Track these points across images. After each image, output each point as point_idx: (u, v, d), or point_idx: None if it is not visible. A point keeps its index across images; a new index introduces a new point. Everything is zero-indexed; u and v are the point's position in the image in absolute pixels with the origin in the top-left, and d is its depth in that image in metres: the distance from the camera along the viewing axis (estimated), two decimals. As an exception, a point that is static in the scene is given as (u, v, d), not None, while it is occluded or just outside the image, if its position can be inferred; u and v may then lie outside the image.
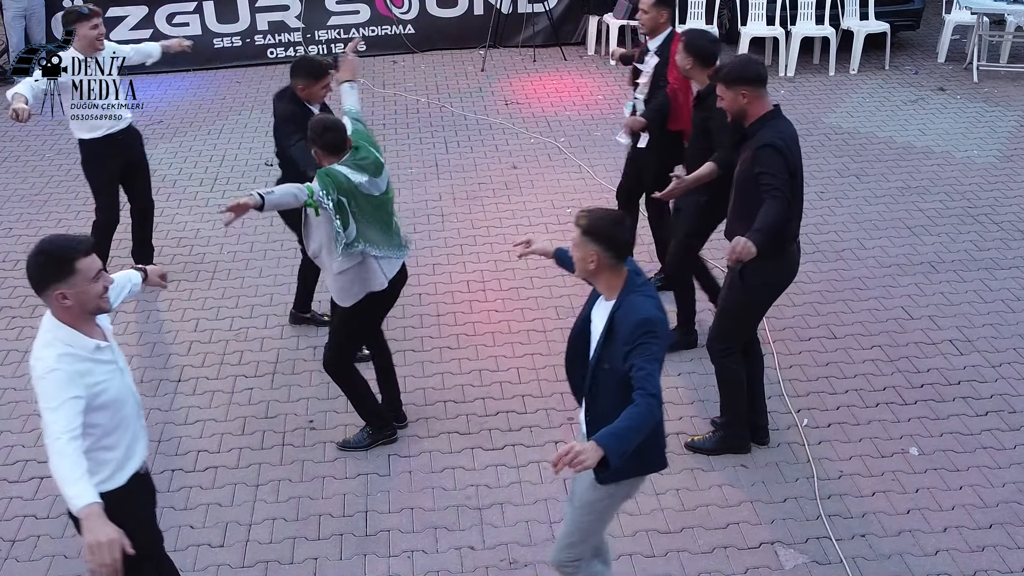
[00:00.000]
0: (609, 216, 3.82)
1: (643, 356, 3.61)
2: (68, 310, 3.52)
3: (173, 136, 10.38)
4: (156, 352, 6.66)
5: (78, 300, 3.51)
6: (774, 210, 4.81)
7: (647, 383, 3.55)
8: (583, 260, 3.79)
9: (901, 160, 9.38)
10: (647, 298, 3.76)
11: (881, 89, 11.28)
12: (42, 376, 3.44)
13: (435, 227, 8.24)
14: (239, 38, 12.41)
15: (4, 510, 5.28)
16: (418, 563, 4.90)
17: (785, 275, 5.31)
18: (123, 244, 7.66)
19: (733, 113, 5.18)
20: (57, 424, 3.36)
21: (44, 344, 3.53)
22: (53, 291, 3.48)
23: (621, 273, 3.80)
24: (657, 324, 3.69)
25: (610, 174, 9.14)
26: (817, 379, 6.22)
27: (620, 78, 11.70)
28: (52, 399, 3.40)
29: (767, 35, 11.79)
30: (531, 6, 12.73)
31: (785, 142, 4.97)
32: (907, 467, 5.47)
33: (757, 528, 5.06)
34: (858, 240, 7.90)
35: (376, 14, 12.68)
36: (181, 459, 5.66)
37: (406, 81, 11.77)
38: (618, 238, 3.76)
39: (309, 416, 6.00)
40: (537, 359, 6.49)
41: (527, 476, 5.47)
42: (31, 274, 3.51)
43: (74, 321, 3.55)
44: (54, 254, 3.49)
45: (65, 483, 3.28)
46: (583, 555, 4.14)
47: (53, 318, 3.57)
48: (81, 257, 3.49)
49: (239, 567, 4.89)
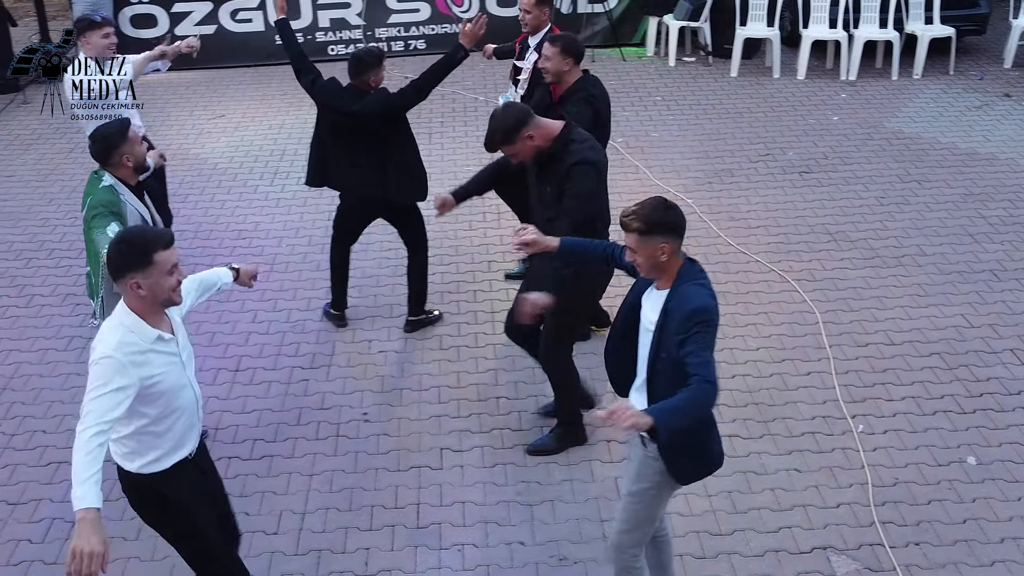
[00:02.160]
0: (658, 205, 3.81)
1: (698, 344, 3.63)
2: (141, 299, 3.62)
3: (235, 131, 10.53)
4: (215, 341, 6.77)
5: (151, 290, 3.61)
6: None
7: (703, 370, 3.58)
8: (653, 256, 3.77)
9: (964, 166, 9.24)
10: (701, 286, 3.77)
11: (945, 94, 11.11)
12: (96, 360, 3.54)
13: (490, 225, 8.27)
14: (301, 35, 12.52)
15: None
16: (468, 556, 4.93)
17: (603, 275, 5.30)
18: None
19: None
20: (92, 414, 3.46)
21: (110, 328, 3.63)
22: (129, 279, 3.58)
23: (681, 259, 3.83)
24: (710, 313, 3.71)
25: (667, 175, 9.12)
26: (874, 385, 6.16)
27: (680, 79, 11.71)
28: (98, 386, 3.49)
29: (829, 38, 11.67)
30: (591, 6, 12.72)
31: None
32: (964, 476, 5.39)
33: (809, 533, 5.02)
34: (918, 246, 7.80)
35: (437, 12, 12.75)
36: (238, 447, 5.75)
37: (464, 79, 11.81)
38: (676, 221, 3.78)
39: (363, 408, 6.06)
40: (590, 358, 6.48)
41: (578, 474, 5.48)
42: (110, 260, 3.63)
43: (144, 311, 3.65)
44: (135, 244, 3.61)
45: (75, 478, 3.38)
46: (640, 543, 4.15)
47: (125, 304, 3.67)
48: (160, 250, 3.60)
49: (292, 554, 4.96)
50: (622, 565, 4.20)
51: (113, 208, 4.95)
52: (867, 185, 8.89)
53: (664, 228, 3.74)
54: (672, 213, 3.78)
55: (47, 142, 10.16)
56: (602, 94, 6.16)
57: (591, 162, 4.97)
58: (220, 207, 8.76)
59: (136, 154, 5.08)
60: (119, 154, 5.02)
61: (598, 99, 6.09)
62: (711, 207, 8.50)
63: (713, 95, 11.22)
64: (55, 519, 5.22)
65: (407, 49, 12.80)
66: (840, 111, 10.66)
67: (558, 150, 4.99)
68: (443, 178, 9.19)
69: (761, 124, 10.36)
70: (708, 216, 8.32)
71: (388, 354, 6.61)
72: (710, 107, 10.85)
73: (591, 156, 4.98)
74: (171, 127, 10.57)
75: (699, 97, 11.12)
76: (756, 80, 11.68)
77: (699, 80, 11.69)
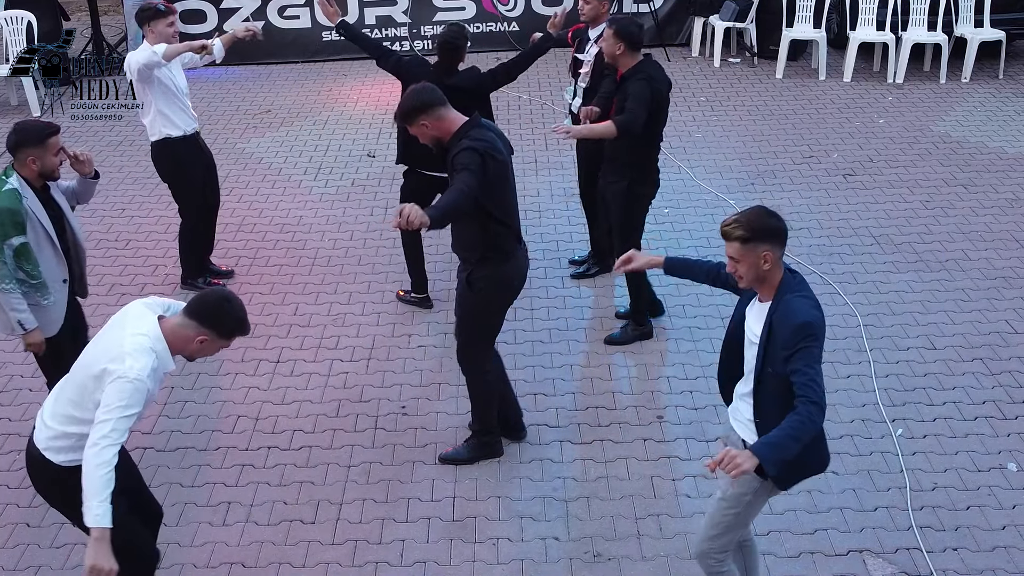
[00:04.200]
0: (761, 212, 3.79)
1: (804, 361, 3.58)
2: (186, 344, 3.80)
3: (280, 126, 10.64)
4: (257, 333, 6.84)
5: (200, 351, 3.84)
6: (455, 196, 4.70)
7: (810, 390, 3.54)
8: (755, 266, 3.72)
9: (1012, 171, 9.13)
10: (804, 299, 3.72)
11: (993, 99, 10.98)
12: (128, 379, 3.61)
13: (532, 223, 8.29)
14: (347, 32, 12.64)
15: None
16: (503, 550, 4.96)
17: (512, 278, 5.21)
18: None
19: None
20: (116, 432, 3.57)
21: (142, 350, 3.69)
22: (203, 331, 3.78)
23: (782, 270, 3.78)
24: (816, 327, 3.65)
25: (710, 176, 9.10)
26: (914, 389, 6.11)
27: (724, 80, 11.65)
28: (125, 406, 3.59)
29: (876, 40, 11.56)
30: (636, 6, 12.69)
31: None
32: (1005, 483, 5.34)
33: (846, 535, 5.00)
34: (963, 251, 7.72)
35: (482, 10, 12.78)
36: (277, 437, 5.83)
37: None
38: (781, 228, 3.75)
39: (402, 402, 6.11)
40: (628, 356, 6.50)
41: (614, 471, 5.49)
42: (210, 306, 3.82)
43: (176, 351, 3.80)
44: (238, 319, 3.84)
45: (94, 493, 3.49)
46: (726, 548, 4.10)
47: (159, 330, 3.76)
48: (239, 335, 3.87)
49: (329, 544, 5.02)
50: (709, 572, 4.17)
51: (16, 218, 4.80)
52: (912, 189, 8.81)
53: (767, 235, 3.70)
54: (775, 220, 3.75)
55: (96, 135, 10.32)
56: (661, 76, 6.18)
57: (472, 148, 4.74)
58: (264, 200, 8.85)
59: (46, 162, 4.89)
60: (26, 154, 4.86)
61: (657, 80, 6.11)
62: (753, 208, 8.45)
63: (758, 96, 11.17)
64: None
65: (452, 47, 12.84)
66: (886, 114, 10.57)
67: (453, 145, 4.84)
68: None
69: (806, 126, 10.29)
70: (750, 217, 8.27)
71: (427, 348, 6.66)
72: (755, 108, 10.80)
73: (476, 145, 4.76)
74: (217, 121, 10.70)
75: (743, 98, 11.07)
76: (801, 82, 11.61)
77: (744, 81, 11.64)
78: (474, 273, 5.09)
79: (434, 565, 4.87)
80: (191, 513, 5.25)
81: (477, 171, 4.69)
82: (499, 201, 4.94)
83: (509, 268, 5.15)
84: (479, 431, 5.59)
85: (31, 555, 4.98)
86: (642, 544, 4.97)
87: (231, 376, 6.40)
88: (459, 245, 5.16)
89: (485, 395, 5.50)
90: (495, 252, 5.03)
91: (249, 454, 5.69)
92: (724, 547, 4.10)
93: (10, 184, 4.85)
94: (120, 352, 3.67)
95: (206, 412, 6.07)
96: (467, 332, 5.36)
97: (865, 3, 11.45)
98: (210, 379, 6.38)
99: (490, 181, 4.76)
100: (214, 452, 5.71)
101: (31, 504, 5.29)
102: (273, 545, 5.03)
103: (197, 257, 7.38)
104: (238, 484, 5.46)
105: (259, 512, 5.25)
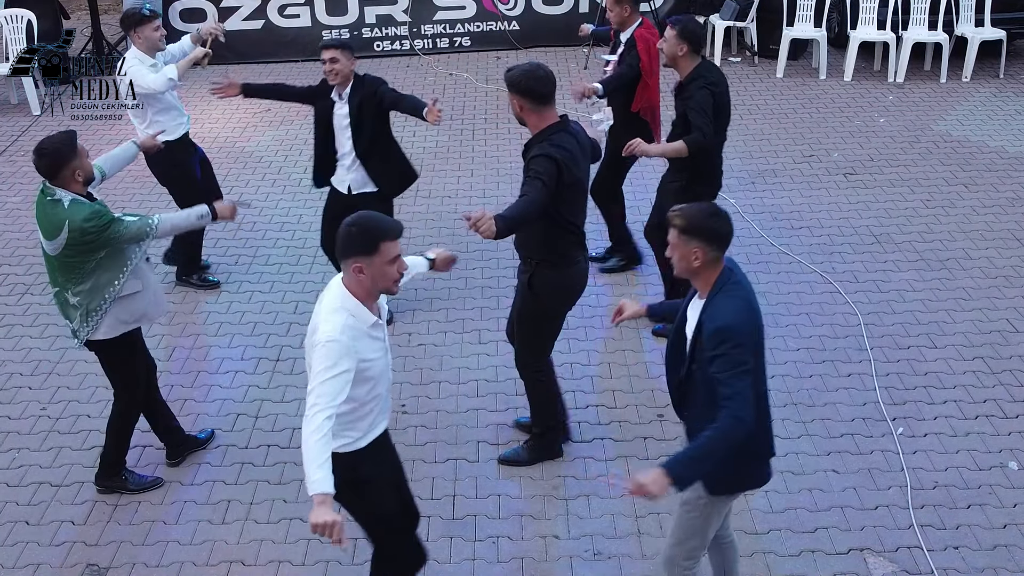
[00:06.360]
0: (705, 210, 3.78)
1: (728, 370, 3.56)
2: (360, 283, 3.70)
3: (280, 124, 10.62)
4: (256, 331, 6.85)
5: (372, 277, 3.68)
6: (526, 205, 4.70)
7: (732, 403, 3.53)
8: (685, 259, 3.72)
9: (1013, 170, 9.12)
10: (731, 299, 3.68)
11: (994, 98, 10.97)
12: (323, 343, 3.60)
13: (532, 221, 8.27)
14: (347, 31, 12.64)
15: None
16: (503, 549, 4.95)
17: (574, 283, 5.19)
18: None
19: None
20: (324, 396, 3.53)
21: (331, 309, 3.70)
22: (352, 263, 3.66)
23: (718, 269, 3.75)
24: (734, 332, 3.60)
25: (713, 175, 9.07)
26: (915, 388, 6.10)
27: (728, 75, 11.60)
28: (326, 368, 3.56)
29: (877, 40, 11.55)
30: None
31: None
32: (1006, 481, 5.33)
33: (846, 534, 4.99)
34: (964, 250, 7.71)
35: (482, 9, 12.78)
36: (277, 435, 5.82)
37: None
38: (719, 230, 3.71)
39: (402, 401, 6.10)
40: (628, 355, 6.49)
41: (614, 470, 5.48)
42: (339, 241, 3.71)
43: (363, 296, 3.73)
44: (366, 229, 3.68)
45: (311, 462, 3.46)
46: (693, 555, 4.05)
47: (343, 286, 3.74)
48: (387, 240, 3.66)
49: (328, 542, 4.99)
50: None
51: (104, 212, 4.78)
52: (913, 188, 8.80)
53: (701, 233, 3.68)
54: (717, 221, 3.72)
55: (96, 134, 10.30)
56: (720, 80, 6.12)
57: (550, 156, 4.73)
58: (264, 199, 8.84)
59: (85, 168, 4.86)
60: (71, 168, 4.77)
61: (717, 85, 6.06)
62: (754, 207, 8.46)
63: (758, 95, 11.16)
64: (96, 502, 5.32)
65: (452, 46, 12.85)
66: (887, 113, 10.56)
67: (535, 142, 4.87)
68: (486, 174, 9.24)
69: (806, 125, 10.29)
70: (751, 216, 8.29)
71: (427, 347, 6.65)
72: (755, 107, 10.80)
73: (554, 153, 4.74)
74: (217, 120, 10.69)
75: (744, 97, 11.06)
76: (802, 81, 11.60)
77: (744, 80, 11.63)
78: (535, 276, 5.05)
79: (434, 563, 4.84)
80: (191, 511, 5.25)
81: (549, 183, 4.69)
82: (568, 208, 4.93)
83: (571, 274, 5.12)
84: (538, 433, 5.56)
85: (30, 553, 4.99)
86: (642, 542, 4.97)
87: (230, 374, 6.39)
88: (522, 245, 5.11)
89: (542, 397, 5.46)
90: (558, 256, 5.01)
91: (249, 452, 5.69)
92: (690, 554, 4.05)
93: (64, 200, 4.76)
94: (315, 325, 3.71)
95: (205, 410, 6.06)
96: (523, 333, 5.33)
97: (866, 2, 11.44)
98: (209, 377, 6.37)
99: (560, 190, 4.76)
100: (213, 450, 5.70)
101: (30, 502, 5.30)
102: (273, 543, 5.03)
103: (195, 253, 7.44)
104: (238, 482, 5.46)
105: (259, 510, 5.25)
